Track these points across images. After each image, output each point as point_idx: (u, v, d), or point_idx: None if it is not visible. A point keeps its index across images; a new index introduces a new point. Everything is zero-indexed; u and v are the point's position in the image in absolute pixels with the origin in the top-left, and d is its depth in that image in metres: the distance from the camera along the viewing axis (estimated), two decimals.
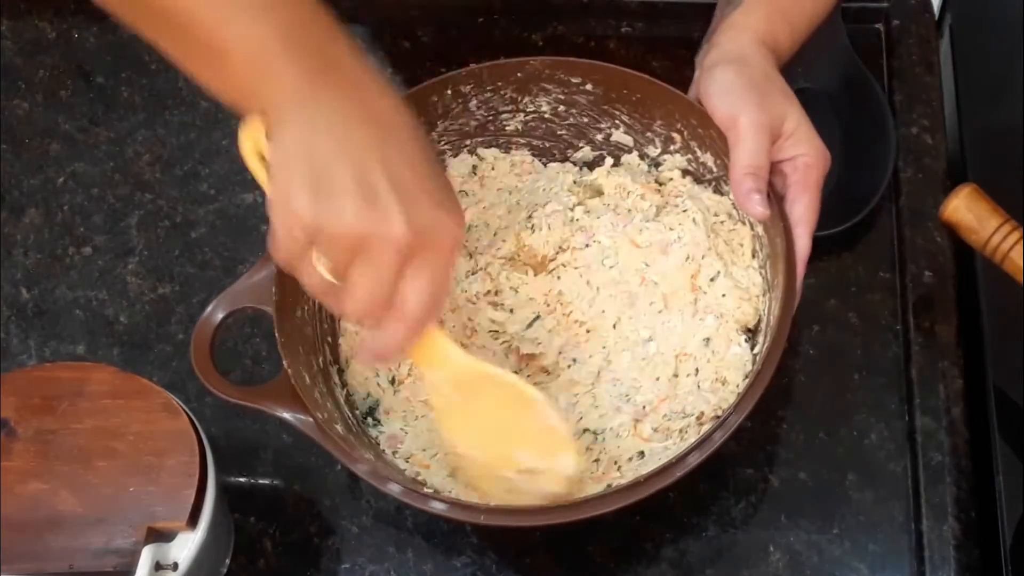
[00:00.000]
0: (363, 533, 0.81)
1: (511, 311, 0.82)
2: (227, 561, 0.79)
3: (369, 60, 0.65)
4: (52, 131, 0.98)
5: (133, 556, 0.69)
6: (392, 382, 0.80)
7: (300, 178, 0.61)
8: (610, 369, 0.79)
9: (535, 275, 0.82)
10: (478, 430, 0.74)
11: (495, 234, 0.84)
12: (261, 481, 0.83)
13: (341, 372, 0.81)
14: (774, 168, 0.76)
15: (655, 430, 0.77)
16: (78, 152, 0.97)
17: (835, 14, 0.95)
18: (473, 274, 0.82)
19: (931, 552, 0.78)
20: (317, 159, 0.61)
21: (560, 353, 0.80)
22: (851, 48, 0.94)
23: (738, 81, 0.76)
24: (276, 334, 0.74)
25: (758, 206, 0.75)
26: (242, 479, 0.83)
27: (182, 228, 0.93)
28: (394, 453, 0.78)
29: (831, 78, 0.94)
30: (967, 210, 0.78)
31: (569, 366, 0.80)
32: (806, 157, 0.76)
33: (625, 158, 0.86)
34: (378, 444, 0.79)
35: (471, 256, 0.83)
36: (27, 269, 0.92)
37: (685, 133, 0.82)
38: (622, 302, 0.80)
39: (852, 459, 0.82)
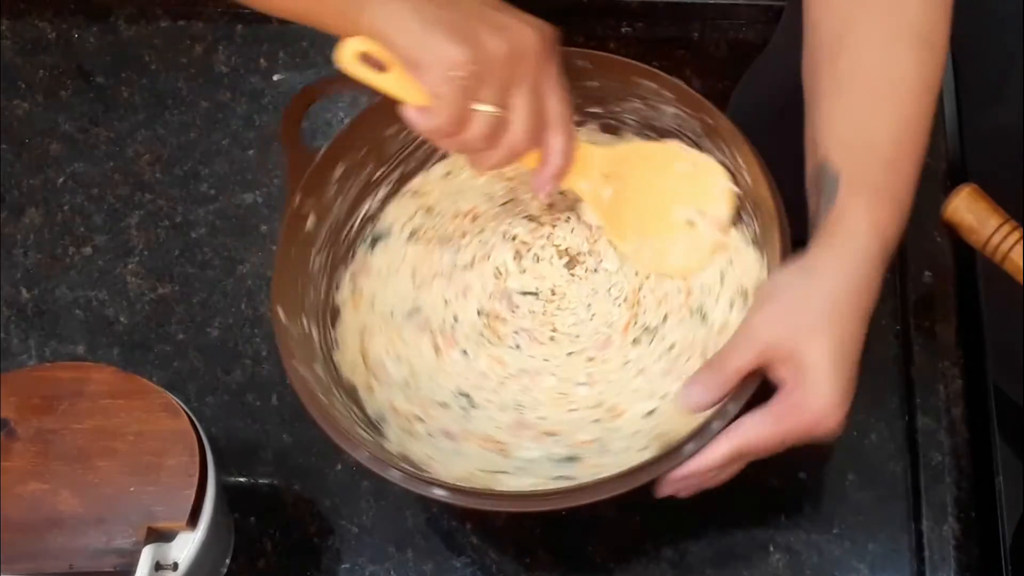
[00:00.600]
0: (363, 533, 0.81)
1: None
2: (227, 561, 0.79)
3: None
4: (52, 131, 0.98)
5: (133, 556, 0.69)
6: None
7: (431, 36, 0.67)
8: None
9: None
10: (637, 215, 0.80)
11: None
12: (261, 481, 0.83)
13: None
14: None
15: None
16: (78, 152, 0.97)
17: None
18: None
19: (931, 552, 0.78)
20: (434, 15, 0.67)
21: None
22: None
23: (788, 305, 0.67)
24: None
25: (688, 402, 0.69)
26: (242, 479, 0.83)
27: (182, 228, 0.93)
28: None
29: None
30: (967, 210, 0.78)
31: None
32: (800, 398, 0.66)
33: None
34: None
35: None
36: (27, 269, 0.92)
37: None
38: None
39: (852, 459, 0.82)
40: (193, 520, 0.71)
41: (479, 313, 0.82)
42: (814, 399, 0.65)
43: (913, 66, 0.70)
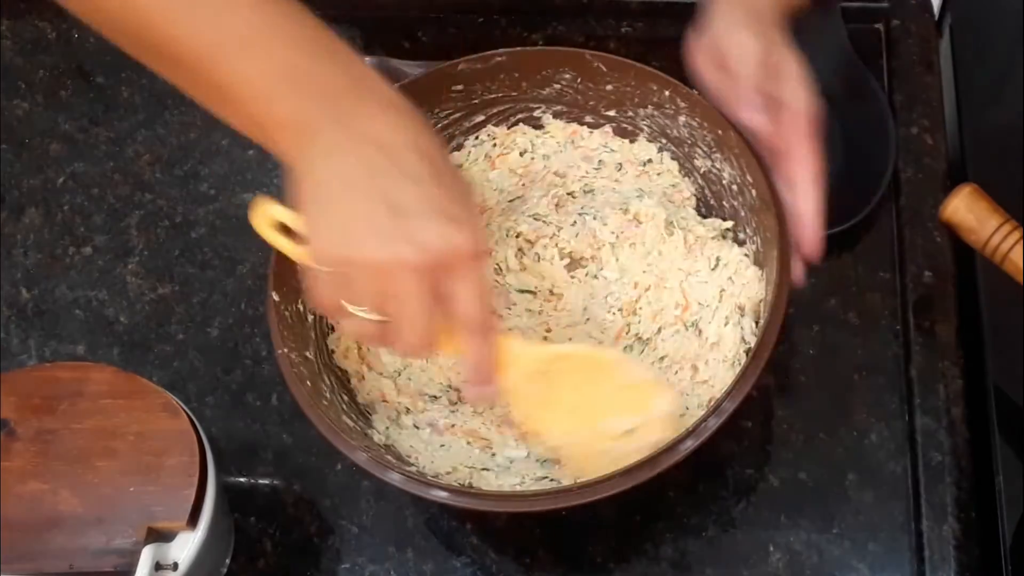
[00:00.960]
0: (363, 533, 0.81)
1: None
2: (227, 561, 0.79)
3: (372, 72, 0.64)
4: (52, 131, 0.98)
5: (133, 556, 0.69)
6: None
7: (320, 230, 0.62)
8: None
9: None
10: (566, 416, 0.74)
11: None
12: (261, 481, 0.83)
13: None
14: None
15: None
16: (78, 152, 0.97)
17: (836, 15, 0.95)
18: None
19: (931, 552, 0.78)
20: (330, 208, 0.62)
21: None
22: (851, 48, 0.94)
23: (738, 10, 0.75)
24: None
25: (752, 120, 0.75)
26: (242, 479, 0.83)
27: (182, 228, 0.93)
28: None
29: (831, 78, 0.94)
30: (967, 210, 0.78)
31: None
32: (796, 102, 0.74)
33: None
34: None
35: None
36: (27, 269, 0.92)
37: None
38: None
39: (852, 459, 0.82)
40: (193, 520, 0.71)
41: None
42: (807, 94, 0.74)
43: None
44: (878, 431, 0.82)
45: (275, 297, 0.75)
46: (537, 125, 0.87)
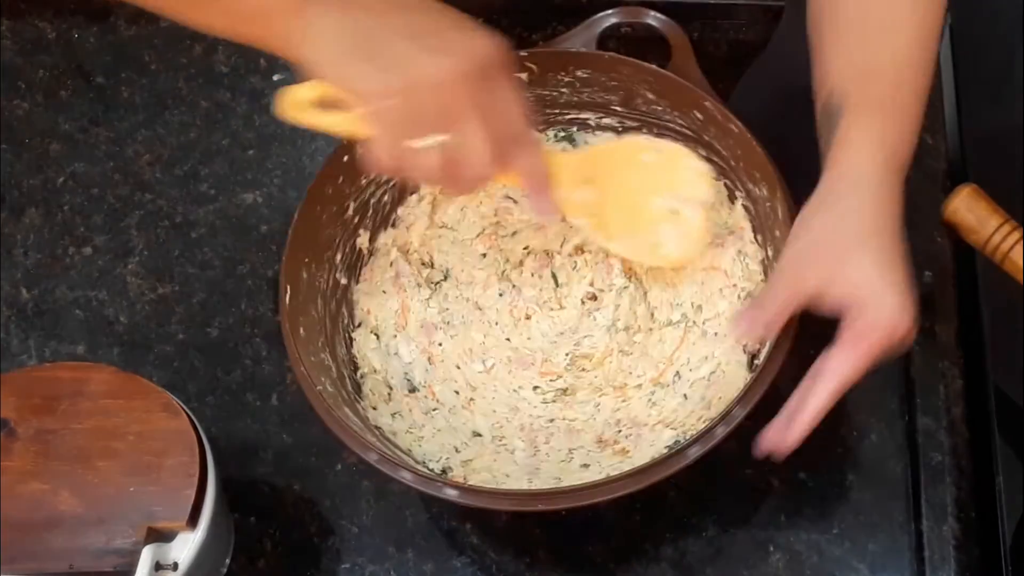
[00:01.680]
0: (363, 533, 0.81)
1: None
2: (227, 561, 0.79)
3: None
4: (52, 131, 0.98)
5: (133, 556, 0.69)
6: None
7: (355, 63, 0.63)
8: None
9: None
10: (623, 209, 0.79)
11: None
12: (261, 481, 0.83)
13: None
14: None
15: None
16: (78, 152, 0.97)
17: None
18: None
19: (931, 552, 0.78)
20: (366, 41, 0.63)
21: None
22: None
23: (821, 235, 0.69)
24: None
25: (740, 331, 0.74)
26: (242, 479, 0.83)
27: (182, 228, 0.93)
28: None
29: None
30: (967, 210, 0.78)
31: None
32: (872, 317, 0.67)
33: None
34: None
35: None
36: (27, 269, 0.92)
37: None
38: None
39: (852, 459, 0.82)
40: (193, 520, 0.71)
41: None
42: (879, 312, 0.66)
43: (910, 7, 0.72)
44: (878, 431, 0.82)
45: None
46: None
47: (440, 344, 0.83)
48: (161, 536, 0.71)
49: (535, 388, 0.81)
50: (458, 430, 0.79)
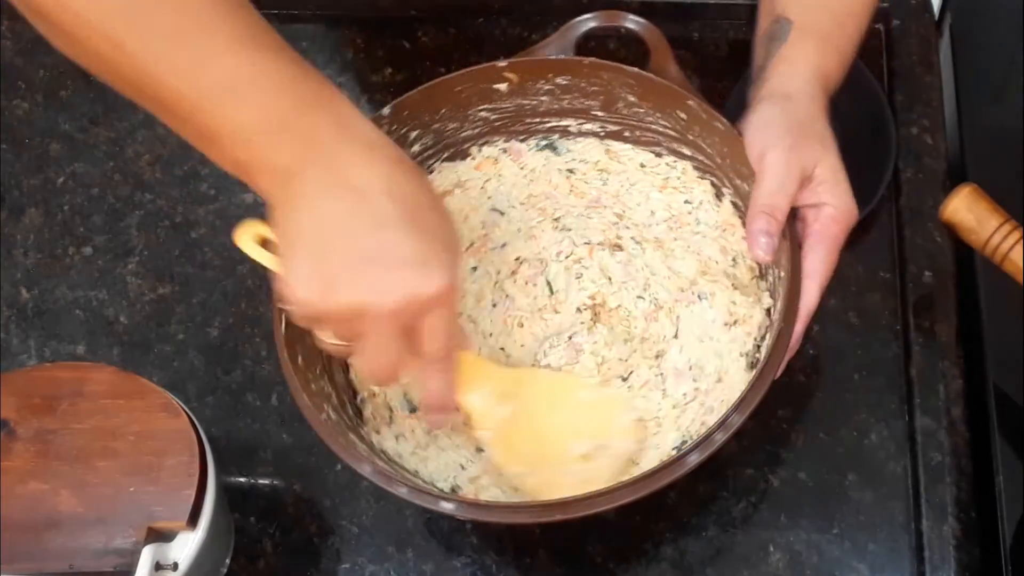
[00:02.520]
0: (363, 533, 0.81)
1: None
2: (227, 561, 0.79)
3: (356, 115, 0.65)
4: (52, 131, 0.98)
5: (133, 556, 0.69)
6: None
7: (291, 259, 0.64)
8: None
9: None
10: (535, 438, 0.75)
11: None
12: (261, 481, 0.83)
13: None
14: (797, 213, 0.75)
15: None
16: (78, 152, 0.97)
17: None
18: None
19: (931, 552, 0.78)
20: (306, 247, 0.63)
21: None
22: None
23: (778, 119, 0.75)
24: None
25: (761, 249, 0.74)
26: (242, 479, 0.83)
27: (182, 228, 0.93)
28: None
29: None
30: (967, 210, 0.78)
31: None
32: (832, 209, 0.74)
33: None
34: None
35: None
36: (27, 269, 0.92)
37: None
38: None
39: (852, 459, 0.82)
40: (193, 520, 0.71)
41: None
42: (845, 199, 0.75)
43: None
44: (878, 431, 0.82)
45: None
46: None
47: None
48: (161, 536, 0.71)
49: None
50: (461, 447, 0.78)
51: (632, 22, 0.79)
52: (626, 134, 0.83)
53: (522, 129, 0.84)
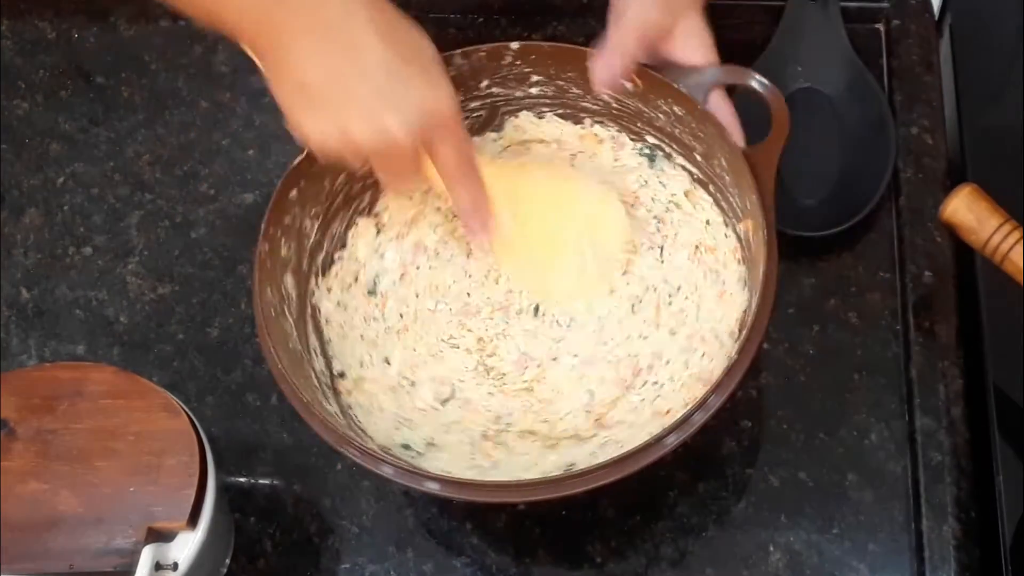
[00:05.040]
0: (363, 533, 0.81)
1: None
2: (227, 561, 0.79)
3: None
4: (52, 131, 0.98)
5: (133, 556, 0.69)
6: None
7: (297, 110, 0.68)
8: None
9: None
10: (535, 239, 0.80)
11: None
12: (261, 481, 0.83)
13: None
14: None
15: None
16: (78, 152, 0.97)
17: (835, 14, 0.95)
18: None
19: (931, 552, 0.78)
20: (310, 102, 0.67)
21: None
22: (851, 48, 0.94)
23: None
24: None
25: (599, 81, 0.79)
26: (242, 479, 0.83)
27: (182, 228, 0.93)
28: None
29: (831, 78, 0.94)
30: (967, 210, 0.78)
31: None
32: (703, 61, 0.78)
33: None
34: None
35: None
36: (27, 269, 0.92)
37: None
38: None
39: (852, 459, 0.82)
40: (193, 520, 0.71)
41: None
42: (713, 54, 0.79)
43: None
44: (878, 431, 0.82)
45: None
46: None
47: (418, 267, 0.84)
48: (161, 536, 0.71)
49: (457, 346, 0.82)
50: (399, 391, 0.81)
51: (757, 83, 0.79)
52: (711, 188, 0.83)
53: (634, 129, 0.85)
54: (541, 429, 0.78)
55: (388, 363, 0.81)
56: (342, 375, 0.80)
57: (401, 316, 0.83)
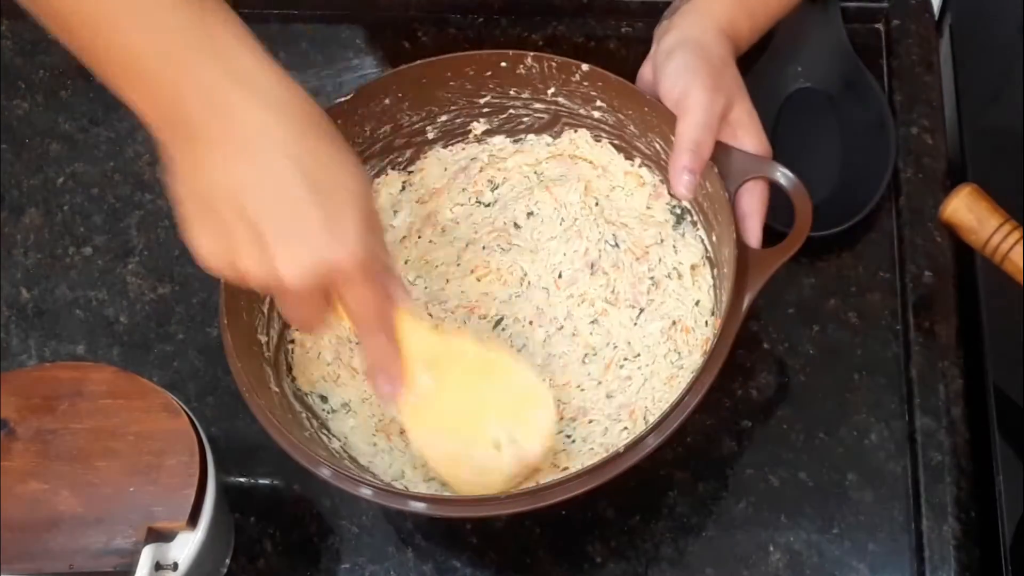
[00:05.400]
0: (363, 533, 0.81)
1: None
2: (227, 561, 0.79)
3: (262, 63, 0.62)
4: (52, 131, 0.98)
5: (133, 556, 0.69)
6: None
7: (200, 235, 0.63)
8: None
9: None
10: (451, 411, 0.74)
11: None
12: (261, 481, 0.83)
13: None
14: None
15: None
16: (78, 152, 0.97)
17: (835, 14, 0.95)
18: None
19: (931, 552, 0.78)
20: (207, 213, 0.62)
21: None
22: (851, 48, 0.94)
23: (695, 63, 0.77)
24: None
25: (683, 187, 0.76)
26: (242, 479, 0.83)
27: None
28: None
29: (831, 78, 0.94)
30: (967, 210, 0.78)
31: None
32: (751, 149, 0.78)
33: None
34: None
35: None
36: (27, 269, 0.92)
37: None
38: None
39: (852, 459, 0.82)
40: (193, 520, 0.71)
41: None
42: (763, 140, 0.78)
43: None
44: (878, 431, 0.82)
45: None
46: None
47: (420, 236, 0.85)
48: (161, 536, 0.71)
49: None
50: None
51: (782, 176, 0.77)
52: (715, 272, 0.81)
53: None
54: None
55: None
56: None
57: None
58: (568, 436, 0.78)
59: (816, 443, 0.82)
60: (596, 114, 0.83)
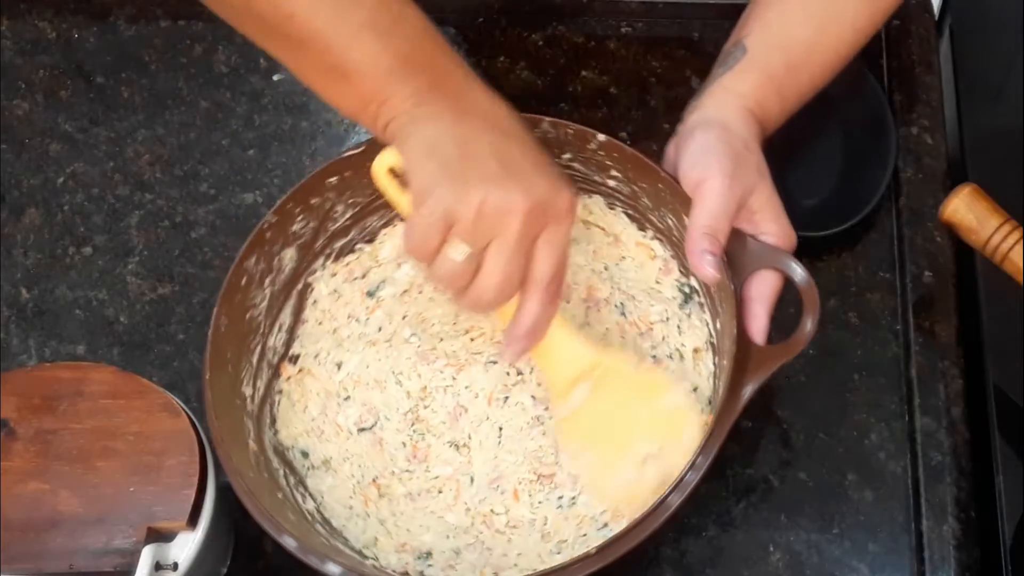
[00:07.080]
0: None
1: None
2: (227, 561, 0.79)
3: (472, 71, 0.72)
4: (52, 131, 0.98)
5: (133, 556, 0.69)
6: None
7: (431, 174, 0.68)
8: None
9: None
10: (603, 429, 0.76)
11: None
12: None
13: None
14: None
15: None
16: (78, 152, 0.97)
17: None
18: None
19: (931, 552, 0.78)
20: (443, 156, 0.68)
21: None
22: None
23: (715, 146, 0.75)
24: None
25: (709, 267, 0.72)
26: None
27: (182, 228, 0.93)
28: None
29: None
30: (967, 210, 0.78)
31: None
32: (771, 237, 0.74)
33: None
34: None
35: None
36: (27, 269, 0.92)
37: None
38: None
39: (852, 459, 0.82)
40: (193, 520, 0.71)
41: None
42: (784, 225, 0.75)
43: (852, 7, 0.82)
44: (878, 431, 0.82)
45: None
46: None
47: (421, 292, 0.84)
48: (161, 536, 0.71)
49: (401, 384, 0.81)
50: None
51: (796, 273, 0.74)
52: (717, 360, 0.80)
53: (686, 264, 0.80)
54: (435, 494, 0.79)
55: (339, 368, 0.81)
56: (294, 360, 0.80)
57: (379, 329, 0.82)
58: (550, 502, 0.78)
59: (816, 443, 0.82)
60: (611, 182, 0.81)
